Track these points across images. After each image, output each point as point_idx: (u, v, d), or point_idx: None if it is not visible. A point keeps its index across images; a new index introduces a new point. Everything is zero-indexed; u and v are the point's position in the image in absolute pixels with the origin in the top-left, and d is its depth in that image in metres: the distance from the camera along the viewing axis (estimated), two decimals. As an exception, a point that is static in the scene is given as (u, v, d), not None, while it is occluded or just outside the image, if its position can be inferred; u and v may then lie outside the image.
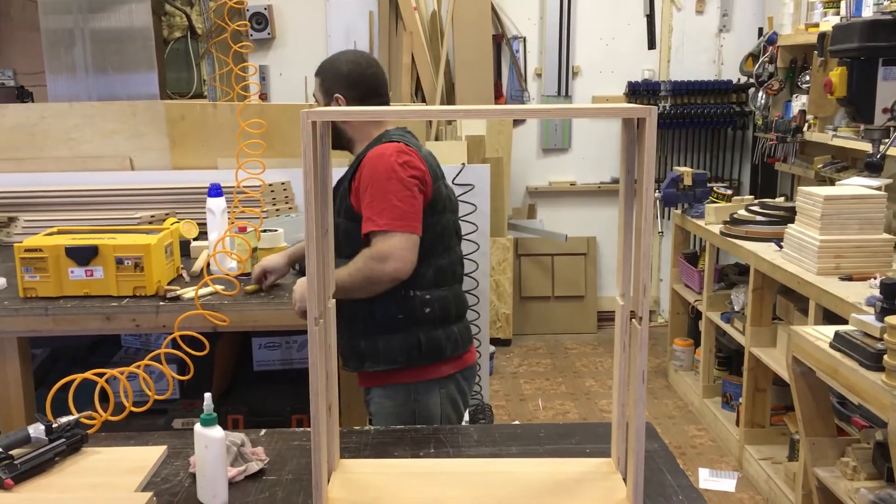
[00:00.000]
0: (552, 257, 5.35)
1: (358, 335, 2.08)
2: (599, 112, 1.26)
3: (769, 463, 3.34)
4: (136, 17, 4.68)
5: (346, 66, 2.16)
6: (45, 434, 1.54)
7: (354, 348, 2.10)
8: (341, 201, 2.06)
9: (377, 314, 2.05)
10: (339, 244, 1.96)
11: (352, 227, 2.03)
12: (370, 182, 1.96)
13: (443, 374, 2.11)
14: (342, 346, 1.99)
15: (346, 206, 2.05)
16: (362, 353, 2.10)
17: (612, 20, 5.26)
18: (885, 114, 2.03)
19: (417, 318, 2.06)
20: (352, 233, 2.03)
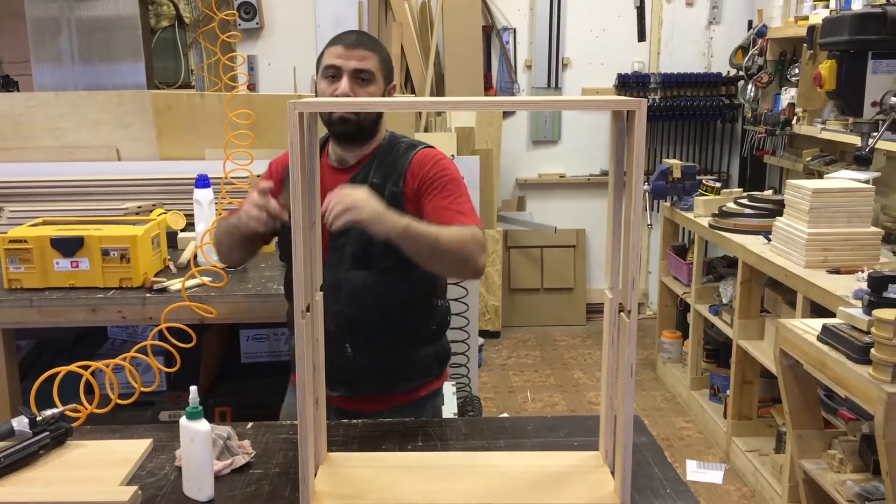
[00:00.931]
0: (541, 249, 5.35)
1: (392, 352, 1.92)
2: (589, 104, 1.25)
3: (756, 455, 3.36)
4: (122, 5, 4.64)
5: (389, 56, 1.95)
6: (29, 427, 1.53)
7: (383, 368, 1.92)
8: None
9: (412, 327, 1.93)
10: (370, 255, 1.83)
11: None
12: (447, 179, 1.84)
13: (446, 377, 2.09)
14: (367, 368, 1.89)
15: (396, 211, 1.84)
16: (395, 372, 1.94)
17: (602, 12, 5.25)
18: (875, 107, 2.03)
19: (444, 326, 2.02)
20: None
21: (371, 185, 1.83)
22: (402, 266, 1.80)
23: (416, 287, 1.91)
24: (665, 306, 4.51)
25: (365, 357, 1.89)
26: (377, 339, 1.89)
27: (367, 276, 1.86)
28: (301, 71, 5.17)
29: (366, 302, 1.86)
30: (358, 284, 1.86)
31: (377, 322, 1.88)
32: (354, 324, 1.87)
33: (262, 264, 2.65)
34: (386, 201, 1.79)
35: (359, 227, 1.69)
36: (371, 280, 1.86)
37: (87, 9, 4.56)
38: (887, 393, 1.87)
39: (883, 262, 2.85)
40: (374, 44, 1.89)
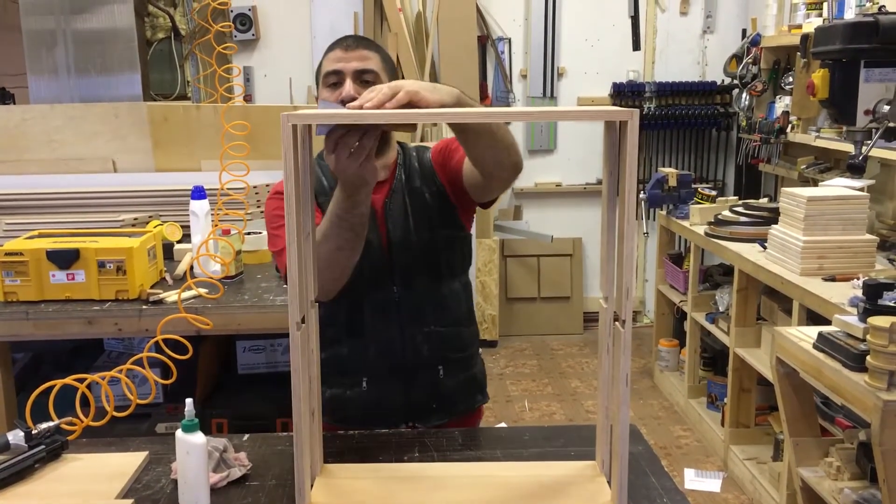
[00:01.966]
0: (538, 258, 5.36)
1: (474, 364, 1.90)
2: (582, 115, 1.26)
3: (754, 463, 3.36)
4: (118, 18, 4.65)
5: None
6: (25, 441, 1.52)
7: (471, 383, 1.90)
8: (430, 211, 1.78)
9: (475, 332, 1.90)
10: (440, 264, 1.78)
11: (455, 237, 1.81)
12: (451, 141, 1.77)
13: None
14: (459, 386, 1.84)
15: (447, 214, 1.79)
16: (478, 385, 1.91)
17: (597, 21, 5.27)
18: (867, 115, 2.03)
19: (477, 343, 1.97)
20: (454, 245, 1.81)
21: (412, 192, 1.78)
22: (463, 269, 1.82)
23: (467, 290, 1.88)
24: (662, 314, 4.52)
25: (455, 376, 1.84)
26: (462, 352, 1.84)
27: (444, 287, 1.80)
28: (297, 81, 5.19)
29: (447, 315, 1.80)
30: (441, 298, 1.80)
31: (458, 335, 1.83)
32: (445, 342, 1.81)
33: (259, 275, 2.65)
34: (433, 206, 1.77)
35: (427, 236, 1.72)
36: (448, 290, 1.81)
37: (83, 21, 4.56)
38: (883, 400, 1.88)
39: (878, 270, 2.86)
40: (374, 44, 1.79)
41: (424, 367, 1.81)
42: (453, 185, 1.79)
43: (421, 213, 1.78)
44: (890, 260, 3.02)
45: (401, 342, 1.79)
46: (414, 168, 1.82)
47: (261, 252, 2.84)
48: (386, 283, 1.78)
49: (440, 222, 1.79)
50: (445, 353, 1.82)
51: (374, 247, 1.75)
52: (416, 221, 1.77)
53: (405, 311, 1.78)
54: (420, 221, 1.77)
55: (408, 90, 1.34)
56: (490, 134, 1.54)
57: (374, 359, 1.80)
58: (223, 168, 2.58)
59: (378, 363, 1.80)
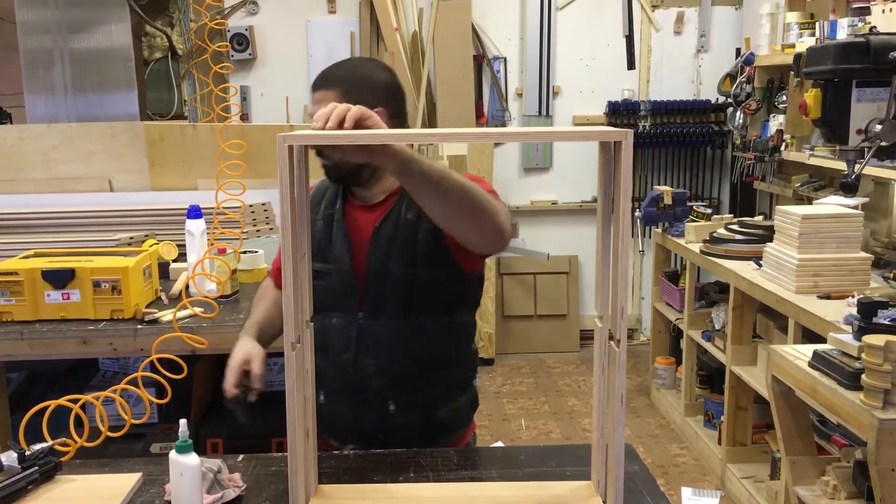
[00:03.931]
0: (534, 276, 5.36)
1: (437, 405, 1.81)
2: (576, 135, 1.26)
3: (751, 481, 3.35)
4: (115, 37, 4.68)
5: (380, 74, 1.76)
6: (18, 462, 1.51)
7: (428, 422, 1.80)
8: (415, 247, 1.70)
9: (456, 375, 1.83)
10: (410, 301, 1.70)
11: (439, 277, 1.71)
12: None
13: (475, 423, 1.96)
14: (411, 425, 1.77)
15: (434, 252, 1.69)
16: (440, 426, 1.82)
17: (592, 41, 5.31)
18: (860, 135, 2.04)
19: (476, 370, 1.90)
20: (437, 285, 1.71)
21: (405, 223, 1.70)
22: (447, 310, 1.74)
23: (454, 333, 1.80)
24: (658, 332, 4.52)
25: (409, 414, 1.77)
26: (421, 393, 1.76)
27: (411, 325, 1.72)
28: (293, 101, 5.21)
29: (410, 354, 1.73)
30: (404, 335, 1.73)
31: (421, 375, 1.76)
32: (398, 379, 1.74)
33: (254, 294, 2.64)
34: (422, 241, 1.69)
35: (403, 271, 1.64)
36: (415, 328, 1.72)
37: (80, 40, 4.59)
38: (879, 419, 1.88)
39: (873, 288, 2.86)
40: (333, 78, 1.71)
41: (374, 398, 1.76)
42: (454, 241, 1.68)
43: (407, 246, 1.71)
44: (885, 278, 3.03)
45: (353, 368, 1.75)
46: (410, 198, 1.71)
47: (256, 271, 2.84)
48: (353, 308, 1.75)
49: (426, 260, 1.70)
50: (397, 390, 1.75)
51: (347, 269, 1.74)
52: (399, 253, 1.71)
53: (365, 339, 1.74)
54: (403, 255, 1.71)
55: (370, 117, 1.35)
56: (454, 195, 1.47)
57: (330, 376, 1.77)
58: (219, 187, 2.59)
59: (333, 381, 1.78)
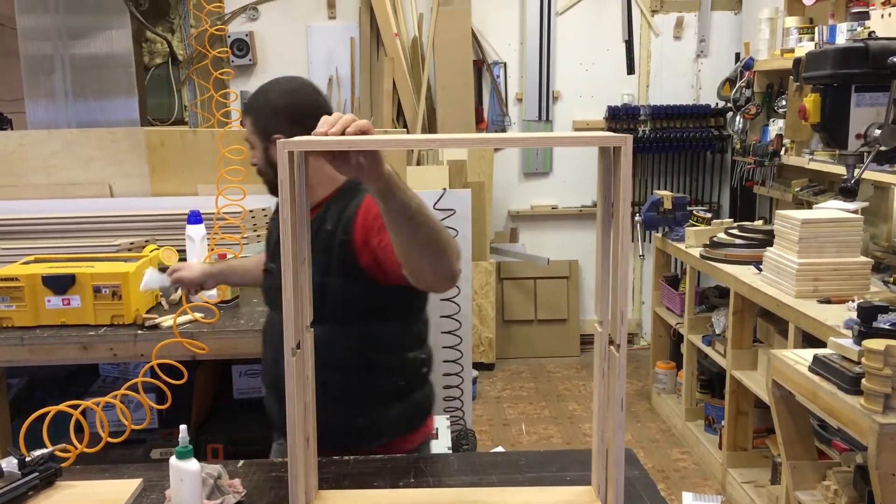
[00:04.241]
0: (534, 281, 5.36)
1: (354, 411, 1.82)
2: (576, 141, 1.27)
3: (752, 486, 3.34)
4: (116, 43, 4.68)
5: (282, 98, 1.81)
6: (19, 468, 1.51)
7: (346, 426, 1.82)
8: (329, 257, 1.76)
9: (379, 385, 1.82)
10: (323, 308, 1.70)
11: (349, 287, 1.75)
12: None
13: (430, 430, 1.94)
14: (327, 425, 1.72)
15: (345, 262, 1.74)
16: (358, 431, 1.83)
17: (592, 46, 5.32)
18: (859, 139, 2.05)
19: (417, 380, 1.88)
20: (348, 294, 1.75)
21: (324, 234, 1.76)
22: (359, 320, 1.77)
23: (379, 343, 1.80)
24: (659, 337, 4.52)
25: (327, 416, 1.74)
26: (339, 398, 1.78)
27: (324, 331, 1.72)
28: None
29: (324, 359, 1.72)
30: (320, 340, 1.73)
31: (339, 380, 1.78)
32: (318, 381, 1.72)
33: (255, 299, 2.65)
34: (336, 252, 1.73)
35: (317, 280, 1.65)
36: (328, 335, 1.72)
37: (81, 46, 4.60)
38: (879, 424, 1.88)
39: (873, 292, 2.86)
40: (248, 105, 1.84)
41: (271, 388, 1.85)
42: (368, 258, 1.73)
43: (321, 255, 1.74)
44: (885, 282, 3.03)
45: (270, 366, 1.85)
46: (335, 211, 1.78)
47: (257, 276, 2.84)
48: (274, 309, 1.85)
49: (339, 270, 1.75)
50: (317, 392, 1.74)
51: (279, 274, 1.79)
52: (315, 262, 1.70)
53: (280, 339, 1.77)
54: (318, 263, 1.73)
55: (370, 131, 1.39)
56: (423, 230, 1.50)
57: (274, 374, 1.83)
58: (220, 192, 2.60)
59: (269, 375, 1.89)
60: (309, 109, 1.77)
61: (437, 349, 3.50)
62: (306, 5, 5.21)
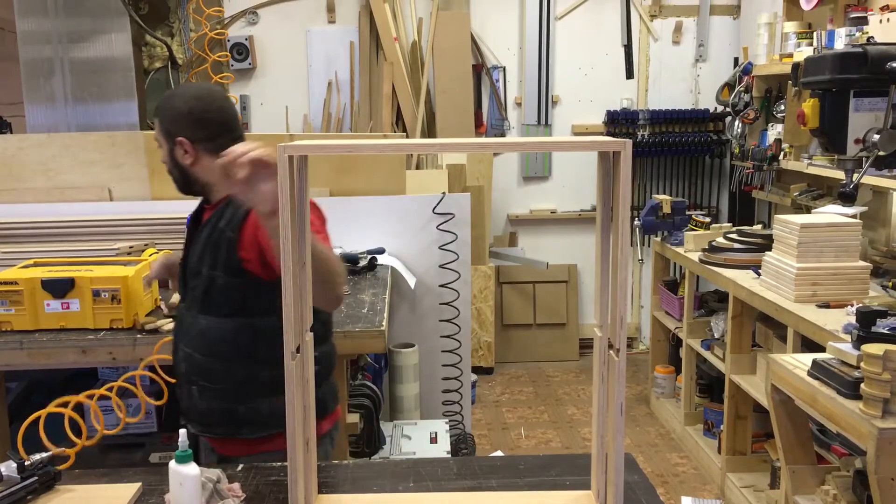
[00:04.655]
0: (534, 285, 5.36)
1: (237, 399, 1.88)
2: (575, 145, 1.27)
3: (751, 491, 3.34)
4: (116, 47, 4.68)
5: (186, 103, 1.89)
6: (17, 472, 1.51)
7: (230, 414, 1.89)
8: (217, 252, 1.85)
9: (262, 376, 1.87)
10: (211, 300, 1.85)
11: (234, 282, 1.84)
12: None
13: (323, 430, 1.97)
14: (213, 411, 1.89)
15: (230, 259, 1.83)
16: (240, 419, 1.89)
17: (591, 50, 5.33)
18: (858, 144, 2.06)
19: (325, 369, 1.95)
20: (233, 289, 1.85)
21: (217, 230, 1.85)
22: (243, 314, 1.84)
23: (260, 336, 1.86)
24: (658, 341, 4.52)
25: (210, 402, 1.88)
26: (221, 385, 1.85)
27: (212, 322, 1.86)
28: (293, 110, 5.22)
29: (210, 348, 1.85)
30: (204, 329, 1.87)
31: (221, 369, 1.86)
32: (200, 368, 1.88)
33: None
34: (223, 248, 1.83)
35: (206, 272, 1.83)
36: (215, 326, 1.86)
37: (80, 50, 4.59)
38: (878, 428, 1.87)
39: (872, 297, 2.87)
40: (157, 108, 1.94)
41: (184, 382, 1.93)
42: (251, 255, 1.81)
43: (212, 250, 1.86)
44: (883, 287, 3.03)
45: (173, 353, 1.97)
46: (231, 210, 1.86)
47: (256, 280, 2.84)
48: (183, 299, 1.98)
49: (224, 267, 1.85)
50: (198, 377, 1.89)
51: (183, 263, 1.97)
52: (203, 255, 1.88)
53: (181, 327, 1.95)
54: (205, 257, 1.87)
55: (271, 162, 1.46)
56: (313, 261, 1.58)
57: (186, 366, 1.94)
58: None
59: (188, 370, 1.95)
60: (213, 115, 1.89)
61: (436, 353, 3.51)
62: (306, 9, 5.21)
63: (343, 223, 3.34)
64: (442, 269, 3.45)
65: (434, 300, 3.49)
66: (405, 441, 2.89)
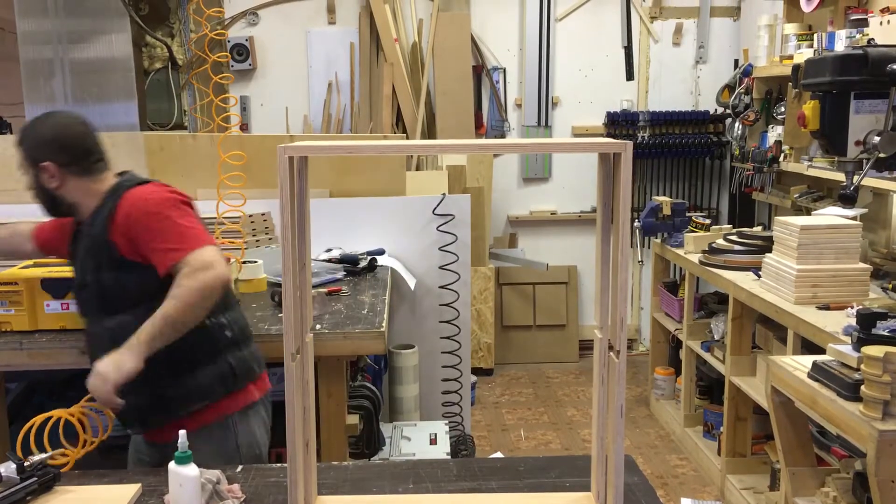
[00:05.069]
0: (533, 286, 5.36)
1: (163, 385, 1.96)
2: (576, 147, 1.27)
3: (751, 493, 3.34)
4: (116, 47, 4.68)
5: (49, 130, 2.01)
6: (17, 473, 1.51)
7: (160, 400, 1.97)
8: (98, 256, 1.95)
9: (178, 355, 1.94)
10: (109, 300, 1.95)
11: (124, 276, 1.94)
12: (149, 219, 1.91)
13: (255, 397, 2.08)
14: (141, 407, 1.96)
15: (111, 258, 1.93)
16: (170, 401, 1.99)
17: (591, 51, 5.33)
18: (858, 146, 2.05)
19: (221, 344, 2.02)
20: (125, 282, 1.94)
21: (91, 238, 1.96)
22: (143, 302, 1.91)
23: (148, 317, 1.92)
24: (658, 342, 4.51)
25: (138, 396, 1.93)
26: (143, 375, 1.88)
27: (117, 320, 1.94)
28: (293, 111, 5.23)
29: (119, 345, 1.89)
30: (113, 329, 1.94)
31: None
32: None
33: (254, 304, 2.65)
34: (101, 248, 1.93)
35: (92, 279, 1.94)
36: (121, 322, 1.93)
37: (80, 50, 4.59)
38: (878, 430, 1.87)
39: (872, 298, 2.87)
40: (21, 137, 2.04)
41: None
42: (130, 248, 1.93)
43: (92, 257, 1.97)
44: (883, 289, 3.03)
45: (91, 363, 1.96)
46: (100, 215, 1.96)
47: (256, 281, 2.85)
48: (82, 315, 2.08)
49: (107, 266, 1.94)
50: None
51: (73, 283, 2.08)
52: (85, 266, 1.99)
53: (93, 341, 2.04)
54: (87, 266, 1.98)
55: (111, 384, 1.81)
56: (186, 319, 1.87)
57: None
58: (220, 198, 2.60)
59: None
60: (76, 140, 2.03)
61: (436, 354, 3.51)
62: (306, 10, 5.21)
63: (343, 224, 3.34)
64: (442, 270, 3.45)
65: (434, 301, 3.48)
66: (405, 442, 2.89)
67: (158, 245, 1.89)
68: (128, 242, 1.92)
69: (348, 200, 3.40)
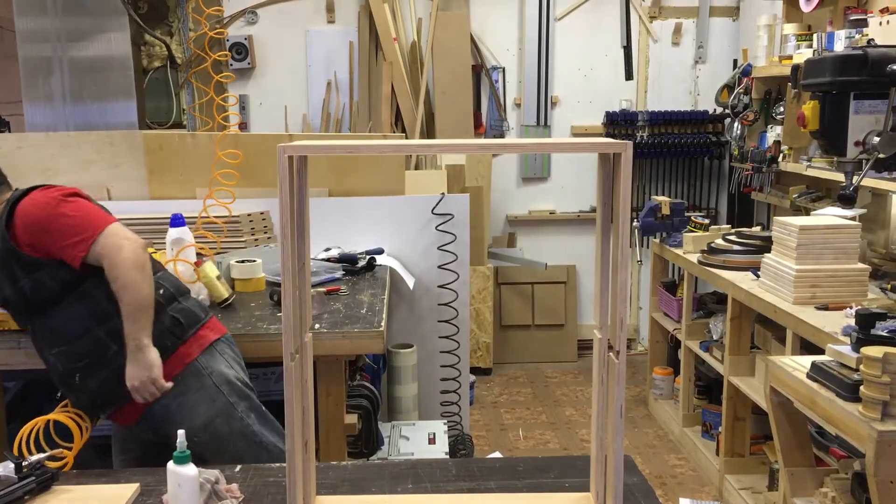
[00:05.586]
0: (532, 286, 5.36)
1: (117, 360, 2.00)
2: (576, 147, 1.26)
3: (749, 493, 3.34)
4: (115, 46, 4.67)
5: None
6: (15, 472, 1.51)
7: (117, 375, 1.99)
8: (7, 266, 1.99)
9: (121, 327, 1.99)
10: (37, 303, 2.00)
11: (41, 276, 1.99)
12: (43, 224, 1.95)
13: (211, 338, 2.16)
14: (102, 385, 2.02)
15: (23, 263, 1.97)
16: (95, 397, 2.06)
17: (590, 51, 5.33)
18: (857, 146, 2.05)
19: (157, 303, 2.05)
20: (44, 281, 1.99)
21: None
22: (69, 290, 1.99)
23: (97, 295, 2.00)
24: (656, 342, 4.51)
25: (95, 378, 2.02)
26: (94, 356, 2.00)
27: (53, 315, 2.02)
28: (292, 110, 5.22)
29: (68, 333, 2.01)
30: (53, 326, 2.03)
31: (87, 341, 2.01)
32: (72, 355, 2.02)
33: (252, 303, 2.65)
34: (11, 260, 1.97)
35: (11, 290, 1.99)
36: (58, 315, 2.01)
37: (79, 49, 4.59)
38: (877, 431, 1.87)
39: (871, 299, 2.86)
40: None
41: (67, 379, 2.05)
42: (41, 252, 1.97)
43: (2, 269, 2.00)
44: (882, 289, 3.03)
45: (48, 368, 2.09)
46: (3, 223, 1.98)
47: (254, 280, 2.85)
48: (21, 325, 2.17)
49: (21, 271, 1.98)
50: (74, 363, 2.03)
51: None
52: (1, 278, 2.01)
53: (40, 343, 2.09)
54: (2, 278, 2.01)
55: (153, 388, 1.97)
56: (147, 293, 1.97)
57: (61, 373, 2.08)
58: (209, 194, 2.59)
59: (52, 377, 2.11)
60: None
61: (435, 354, 3.51)
62: (305, 9, 5.21)
63: (342, 223, 3.34)
64: (441, 269, 3.45)
65: (433, 301, 3.48)
66: (403, 442, 2.89)
67: (63, 243, 1.95)
68: (33, 249, 1.97)
69: (347, 200, 3.40)
